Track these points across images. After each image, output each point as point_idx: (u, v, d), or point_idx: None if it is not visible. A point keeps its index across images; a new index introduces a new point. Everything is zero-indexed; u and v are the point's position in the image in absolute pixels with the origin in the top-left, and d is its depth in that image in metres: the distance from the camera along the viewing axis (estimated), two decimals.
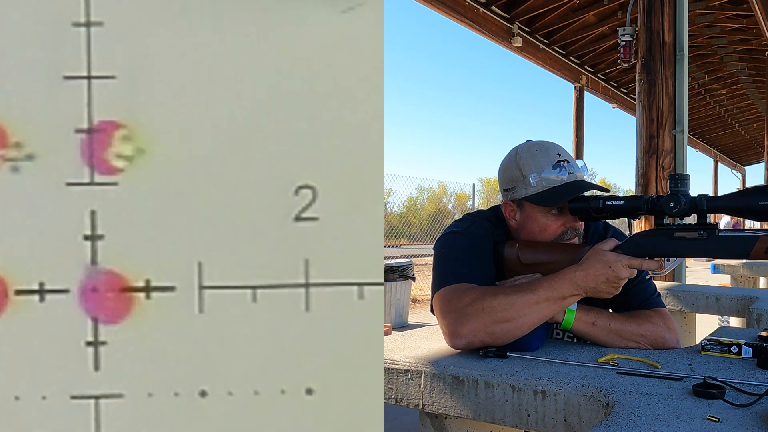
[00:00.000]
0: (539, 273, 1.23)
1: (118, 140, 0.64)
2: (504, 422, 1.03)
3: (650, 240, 1.15)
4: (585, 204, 1.22)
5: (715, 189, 20.19)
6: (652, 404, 0.86)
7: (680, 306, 2.43)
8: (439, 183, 31.46)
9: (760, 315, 1.93)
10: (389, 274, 5.93)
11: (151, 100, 0.65)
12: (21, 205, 0.64)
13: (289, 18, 0.66)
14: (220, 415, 0.65)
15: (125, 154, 0.64)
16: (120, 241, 0.64)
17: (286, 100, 0.66)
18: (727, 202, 1.09)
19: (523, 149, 1.32)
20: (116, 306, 0.64)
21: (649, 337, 1.22)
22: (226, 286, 0.65)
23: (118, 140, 0.64)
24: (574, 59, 8.48)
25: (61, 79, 0.64)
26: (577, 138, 9.17)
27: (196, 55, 0.65)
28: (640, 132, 3.75)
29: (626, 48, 4.51)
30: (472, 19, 6.18)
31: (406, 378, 1.12)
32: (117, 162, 0.64)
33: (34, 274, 0.64)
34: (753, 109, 13.41)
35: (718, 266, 4.99)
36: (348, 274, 0.66)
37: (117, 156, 0.64)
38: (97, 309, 0.64)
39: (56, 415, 0.64)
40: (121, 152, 0.64)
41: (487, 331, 1.13)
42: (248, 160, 0.65)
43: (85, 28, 0.64)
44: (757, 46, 8.35)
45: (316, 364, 0.66)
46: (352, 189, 0.66)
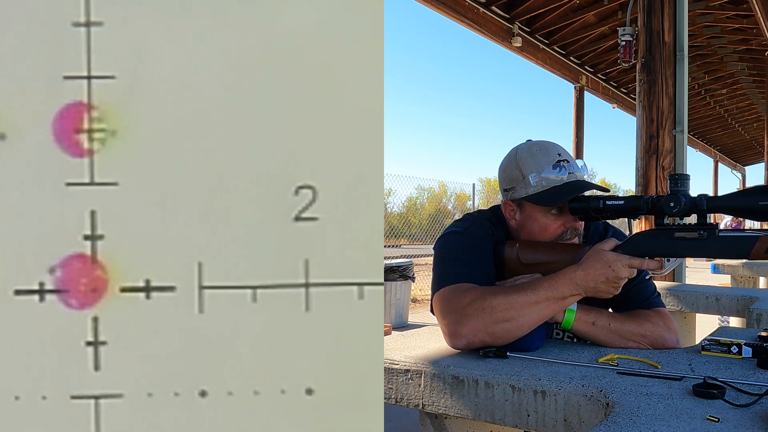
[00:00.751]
0: (539, 273, 1.23)
1: (89, 121, 0.64)
2: (504, 422, 1.03)
3: (650, 240, 1.15)
4: (585, 204, 1.22)
5: (715, 189, 20.19)
6: (652, 404, 0.86)
7: (680, 306, 2.43)
8: (439, 183, 31.48)
9: (760, 315, 1.93)
10: (389, 274, 5.93)
11: (150, 100, 0.65)
12: (21, 205, 0.64)
13: (290, 18, 0.66)
14: (220, 415, 0.65)
15: (97, 136, 0.64)
16: (120, 241, 0.64)
17: (287, 100, 0.66)
18: (727, 202, 1.09)
19: (523, 149, 1.32)
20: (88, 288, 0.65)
21: (649, 337, 1.22)
22: (226, 286, 0.65)
23: (89, 121, 0.64)
24: (574, 59, 8.48)
25: (61, 79, 0.64)
26: (577, 138, 9.17)
27: (196, 55, 0.65)
28: (640, 132, 3.76)
29: (626, 48, 4.51)
30: (472, 19, 6.18)
31: (406, 378, 1.12)
32: (87, 143, 0.64)
33: (34, 274, 0.64)
34: (753, 109, 13.41)
35: (718, 266, 4.99)
36: (348, 274, 0.66)
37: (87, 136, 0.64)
38: (71, 291, 0.64)
39: (56, 415, 0.64)
40: (93, 133, 0.64)
41: (487, 331, 1.13)
42: (248, 160, 0.65)
43: (85, 28, 0.64)
44: (757, 46, 8.35)
45: (316, 364, 0.66)
46: (352, 189, 0.66)
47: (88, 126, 0.64)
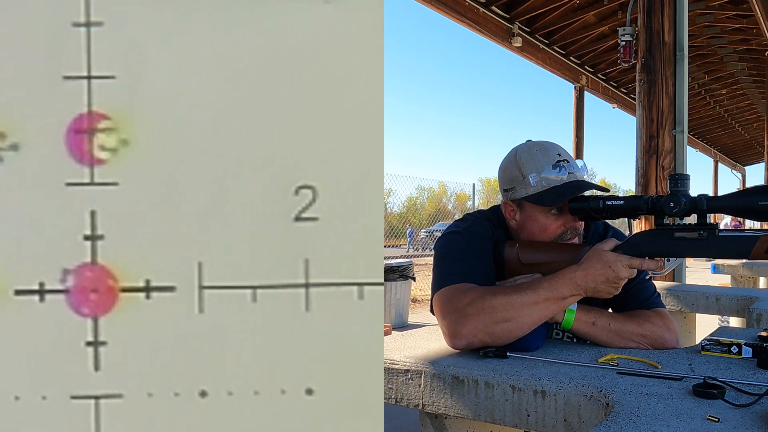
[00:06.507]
0: (539, 273, 1.23)
1: (102, 131, 0.64)
2: (504, 422, 1.03)
3: (650, 240, 1.15)
4: (585, 204, 1.22)
5: (715, 189, 20.19)
6: (652, 404, 0.86)
7: (680, 306, 2.43)
8: (439, 183, 31.49)
9: (760, 315, 1.93)
10: (389, 274, 5.93)
11: (150, 100, 0.65)
12: (21, 205, 0.64)
13: (290, 18, 0.66)
14: (220, 415, 0.65)
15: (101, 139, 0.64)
16: (120, 241, 0.64)
17: (287, 100, 0.66)
18: (727, 202, 1.09)
19: (522, 149, 1.32)
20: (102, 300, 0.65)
21: (649, 337, 1.22)
22: (226, 286, 0.65)
23: (102, 131, 0.64)
24: (574, 59, 8.48)
25: (61, 79, 0.64)
26: (577, 138, 9.17)
27: (196, 55, 0.65)
28: (640, 132, 3.76)
29: (626, 48, 4.51)
30: (472, 19, 6.19)
31: (406, 378, 1.12)
32: (101, 153, 0.64)
33: (34, 274, 0.64)
34: (753, 109, 13.41)
35: (718, 266, 4.99)
36: (348, 274, 0.66)
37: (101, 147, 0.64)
38: (85, 303, 0.64)
39: (56, 415, 0.64)
40: (105, 143, 0.64)
41: (487, 331, 1.13)
42: (248, 160, 0.65)
43: (85, 28, 0.64)
44: (757, 46, 8.36)
45: (316, 364, 0.66)
46: (352, 189, 0.66)
47: (91, 127, 0.64)
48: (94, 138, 0.64)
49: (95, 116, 0.64)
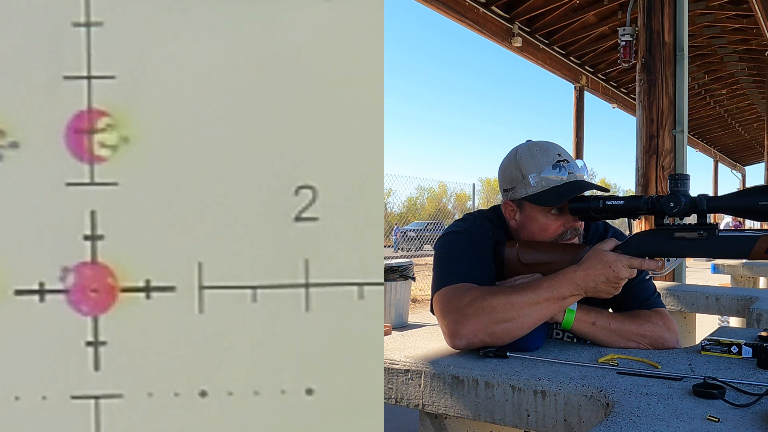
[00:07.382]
0: (539, 273, 1.23)
1: (102, 129, 0.64)
2: (504, 422, 1.03)
3: (650, 240, 1.15)
4: (585, 204, 1.22)
5: (715, 189, 20.20)
6: (652, 404, 0.86)
7: (680, 306, 2.43)
8: (439, 183, 31.51)
9: (760, 315, 1.93)
10: (389, 274, 5.93)
11: (150, 100, 0.65)
12: (21, 205, 0.64)
13: (290, 18, 0.66)
14: (220, 415, 0.65)
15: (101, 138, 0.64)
16: (120, 241, 0.64)
17: (287, 101, 0.66)
18: (727, 202, 1.09)
19: (522, 149, 1.32)
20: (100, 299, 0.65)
21: (649, 337, 1.22)
22: (226, 286, 0.65)
23: (101, 129, 0.64)
24: (574, 59, 8.48)
25: (61, 79, 0.64)
26: (577, 138, 9.17)
27: (196, 55, 0.65)
28: (640, 132, 3.76)
29: (626, 48, 4.51)
30: (472, 19, 6.19)
31: (406, 378, 1.12)
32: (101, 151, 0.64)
33: (34, 274, 0.64)
34: (753, 109, 13.41)
35: (718, 266, 4.99)
36: (348, 274, 0.66)
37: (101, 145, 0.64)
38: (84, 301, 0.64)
39: (56, 415, 0.64)
40: (105, 141, 0.64)
41: (487, 331, 1.13)
42: (248, 160, 0.65)
43: (85, 28, 0.64)
44: (757, 46, 8.36)
45: (316, 364, 0.66)
46: (352, 189, 0.66)
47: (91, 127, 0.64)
48: (94, 137, 0.64)
49: (95, 113, 0.64)
